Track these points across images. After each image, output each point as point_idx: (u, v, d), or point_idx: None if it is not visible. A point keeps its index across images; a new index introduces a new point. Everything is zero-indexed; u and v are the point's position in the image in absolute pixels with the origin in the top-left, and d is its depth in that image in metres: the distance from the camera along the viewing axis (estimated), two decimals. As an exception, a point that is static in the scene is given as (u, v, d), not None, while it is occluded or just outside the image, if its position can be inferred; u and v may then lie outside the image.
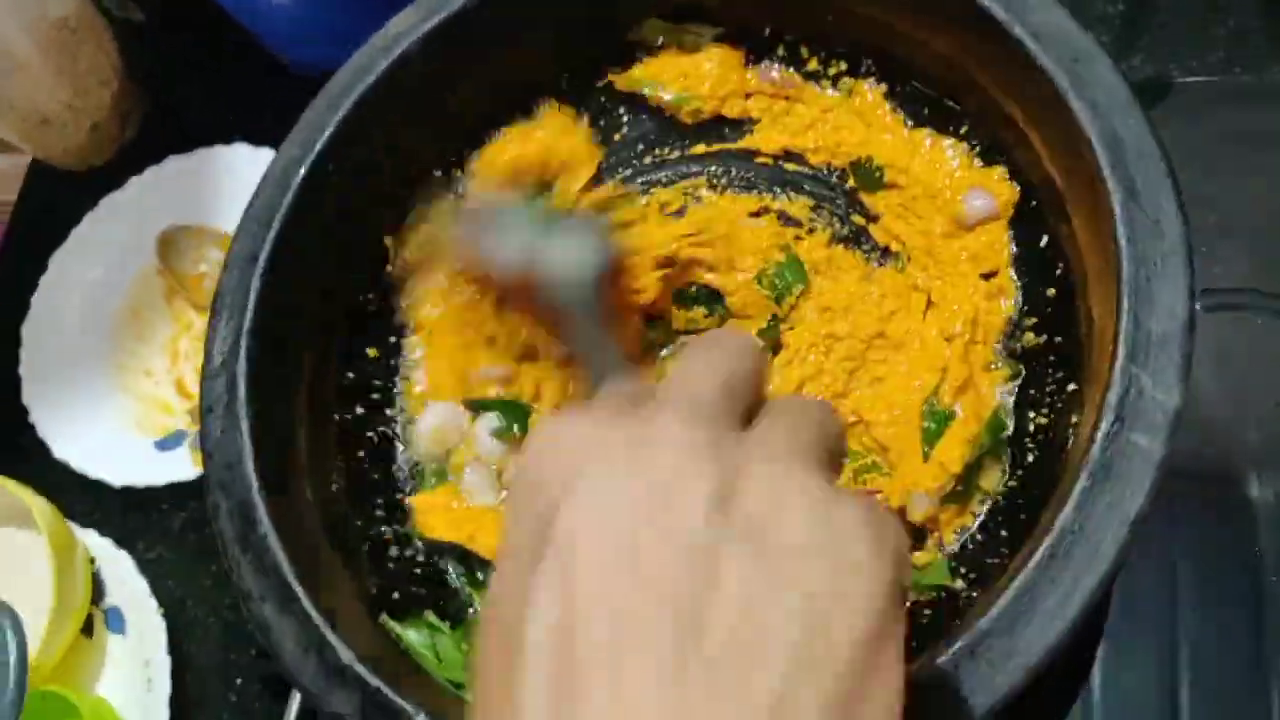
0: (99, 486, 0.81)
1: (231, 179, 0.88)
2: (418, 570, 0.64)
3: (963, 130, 0.63)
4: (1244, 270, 0.69)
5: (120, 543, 0.79)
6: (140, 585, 0.78)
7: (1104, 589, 0.46)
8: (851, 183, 0.66)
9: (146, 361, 0.88)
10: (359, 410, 0.66)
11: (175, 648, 0.76)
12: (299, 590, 0.53)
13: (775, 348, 0.65)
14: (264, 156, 0.87)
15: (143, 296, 0.90)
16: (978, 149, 0.63)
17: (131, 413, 0.85)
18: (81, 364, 0.87)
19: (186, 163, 0.90)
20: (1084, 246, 0.56)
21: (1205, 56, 0.77)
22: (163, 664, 0.75)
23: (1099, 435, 0.48)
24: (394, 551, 0.64)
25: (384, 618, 0.58)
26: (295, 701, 0.71)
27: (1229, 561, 0.65)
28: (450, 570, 0.65)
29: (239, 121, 0.91)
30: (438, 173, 0.68)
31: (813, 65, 0.67)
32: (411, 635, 0.58)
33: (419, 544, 0.65)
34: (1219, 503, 0.66)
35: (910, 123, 0.65)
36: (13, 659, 0.64)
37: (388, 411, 0.68)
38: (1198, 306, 0.50)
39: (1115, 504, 0.47)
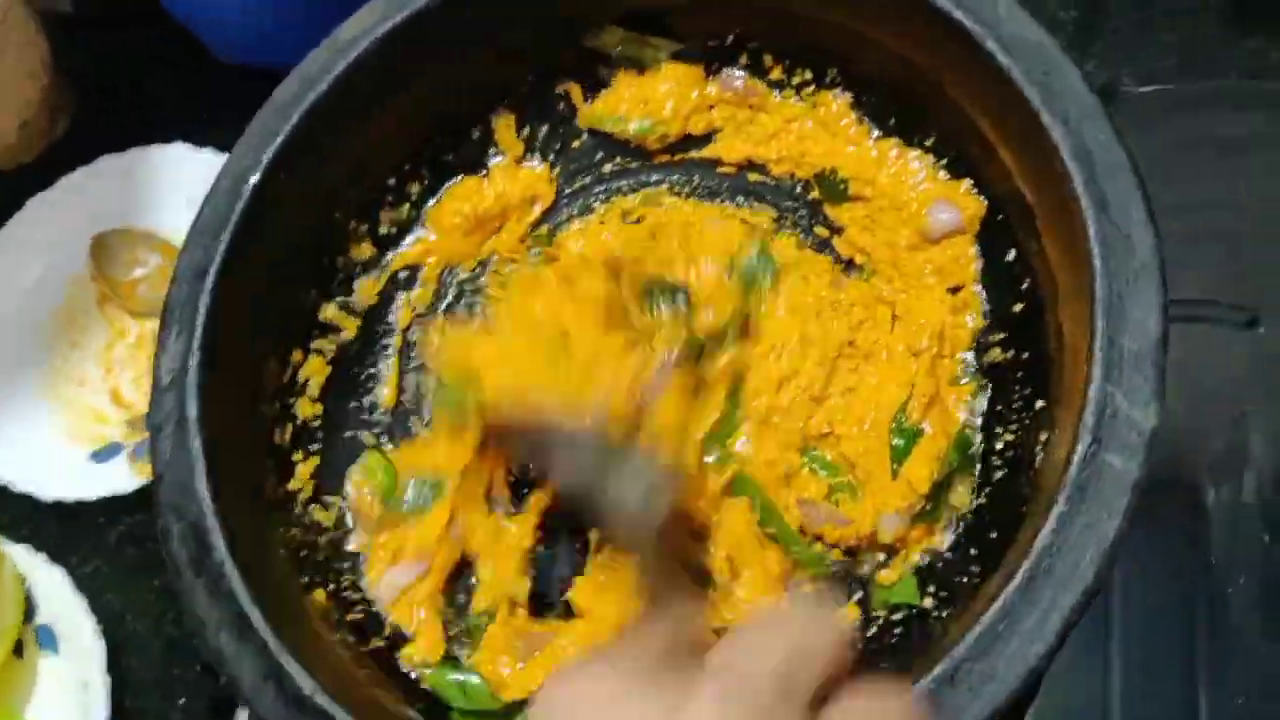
0: (28, 499, 0.78)
1: (169, 180, 0.85)
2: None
3: (929, 142, 0.63)
4: (1205, 280, 0.69)
5: (53, 558, 0.77)
6: (75, 601, 0.75)
7: (1082, 612, 0.46)
8: (815, 194, 0.65)
9: (79, 369, 0.84)
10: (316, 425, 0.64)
11: (115, 665, 0.74)
12: (256, 616, 0.51)
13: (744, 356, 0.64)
14: (204, 158, 0.84)
15: (74, 301, 0.86)
16: (944, 161, 0.62)
17: (63, 423, 0.82)
18: (9, 372, 0.83)
19: (120, 162, 0.87)
20: (1053, 261, 0.55)
21: (1158, 63, 0.77)
22: (100, 683, 0.73)
23: (1075, 457, 0.47)
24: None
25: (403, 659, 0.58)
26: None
27: (1179, 570, 0.66)
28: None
29: (178, 120, 0.88)
30: (391, 181, 0.66)
31: (776, 74, 0.66)
32: (434, 676, 0.57)
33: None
34: (1176, 513, 0.67)
35: (876, 134, 0.64)
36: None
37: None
38: (1164, 321, 0.50)
39: (1092, 526, 0.47)
